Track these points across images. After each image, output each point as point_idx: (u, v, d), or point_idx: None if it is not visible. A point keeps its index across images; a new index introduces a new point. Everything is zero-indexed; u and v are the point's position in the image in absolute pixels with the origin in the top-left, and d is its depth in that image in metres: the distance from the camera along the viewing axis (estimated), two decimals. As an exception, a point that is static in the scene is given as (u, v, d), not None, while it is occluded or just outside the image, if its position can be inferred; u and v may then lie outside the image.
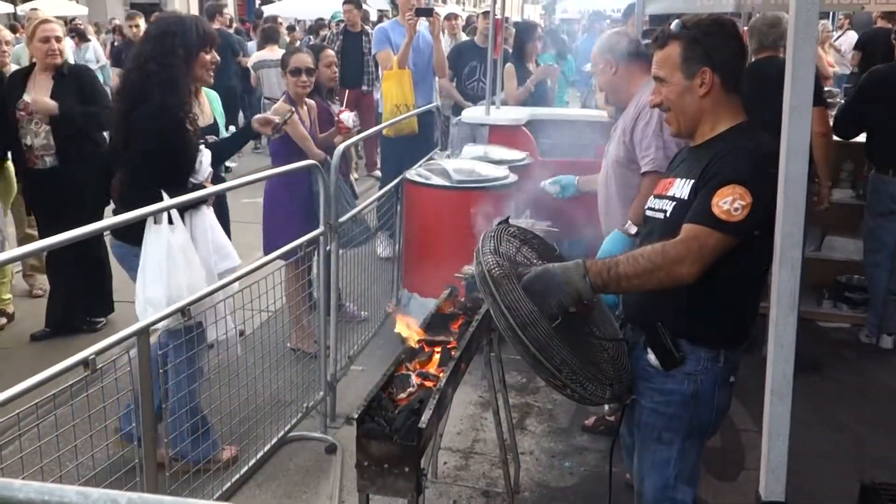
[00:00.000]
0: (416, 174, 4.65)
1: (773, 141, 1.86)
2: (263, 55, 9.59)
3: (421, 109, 6.08)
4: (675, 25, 2.21)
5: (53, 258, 4.92)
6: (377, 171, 8.60)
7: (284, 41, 11.23)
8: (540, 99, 6.73)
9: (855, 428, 3.88)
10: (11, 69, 5.04)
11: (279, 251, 3.55)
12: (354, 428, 2.06)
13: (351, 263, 4.36)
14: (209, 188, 3.31)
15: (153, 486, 2.67)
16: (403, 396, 2.21)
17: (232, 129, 5.25)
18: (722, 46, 2.15)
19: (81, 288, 4.90)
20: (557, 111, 6.43)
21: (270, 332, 3.59)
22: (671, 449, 2.25)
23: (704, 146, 2.19)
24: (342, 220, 3.85)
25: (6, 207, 5.21)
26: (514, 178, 4.52)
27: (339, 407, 3.92)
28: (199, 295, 2.94)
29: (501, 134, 5.39)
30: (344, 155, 4.04)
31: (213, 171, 3.47)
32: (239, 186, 3.39)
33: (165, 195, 3.06)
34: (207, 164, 3.39)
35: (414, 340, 2.50)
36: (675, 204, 2.16)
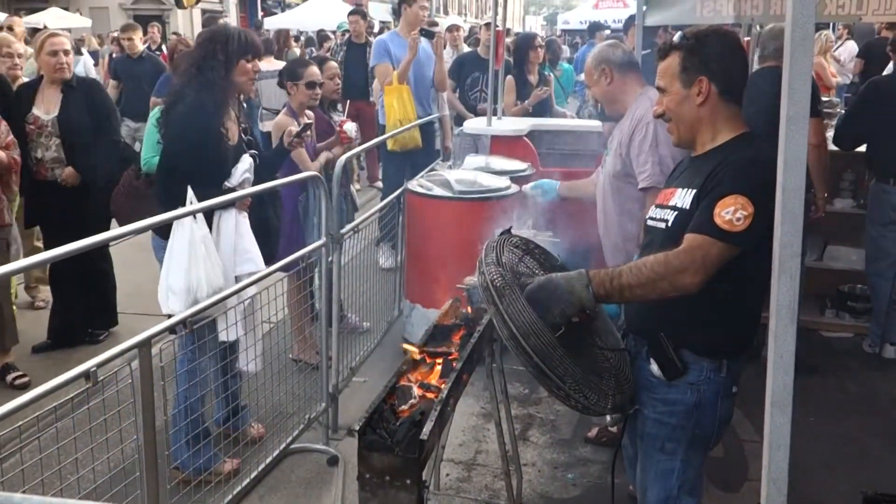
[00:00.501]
0: (417, 185, 4.66)
1: (772, 151, 1.86)
2: (261, 66, 9.59)
3: (423, 120, 6.09)
4: (676, 37, 2.24)
5: (57, 270, 4.91)
6: (379, 182, 8.61)
7: (294, 53, 11.22)
8: (541, 110, 6.74)
9: (858, 438, 3.85)
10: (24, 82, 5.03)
11: (280, 263, 3.55)
12: (356, 440, 2.05)
13: (353, 274, 4.35)
14: (234, 194, 3.32)
15: (154, 498, 2.66)
16: (405, 408, 2.21)
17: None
18: (719, 56, 2.16)
19: (84, 300, 4.90)
20: (559, 122, 6.44)
21: (272, 342, 3.59)
22: (674, 459, 2.25)
23: (706, 156, 2.20)
24: (344, 231, 3.86)
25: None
26: (515, 188, 4.52)
27: (340, 418, 3.91)
28: (206, 303, 3.00)
29: (503, 144, 5.39)
30: (345, 167, 4.06)
31: (251, 178, 3.49)
32: (240, 198, 3.38)
33: (192, 194, 3.12)
34: (243, 170, 3.44)
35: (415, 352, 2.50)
36: (676, 214, 2.17)
